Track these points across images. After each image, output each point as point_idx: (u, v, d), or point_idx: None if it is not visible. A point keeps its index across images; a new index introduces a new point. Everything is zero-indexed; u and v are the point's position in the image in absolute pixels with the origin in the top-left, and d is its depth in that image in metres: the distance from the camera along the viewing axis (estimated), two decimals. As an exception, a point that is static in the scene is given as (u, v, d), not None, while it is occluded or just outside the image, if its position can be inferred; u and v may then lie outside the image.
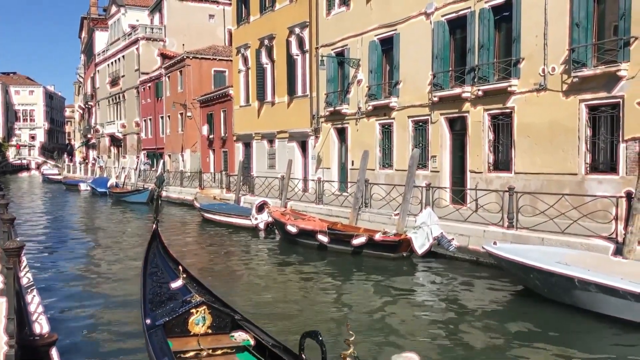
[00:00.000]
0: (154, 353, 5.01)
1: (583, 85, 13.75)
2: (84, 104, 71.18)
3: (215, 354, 5.32)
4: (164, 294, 6.11)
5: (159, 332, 5.36)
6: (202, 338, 5.50)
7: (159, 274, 6.47)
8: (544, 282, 9.11)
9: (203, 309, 5.66)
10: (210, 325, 5.67)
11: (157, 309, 5.85)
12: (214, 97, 35.20)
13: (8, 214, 8.67)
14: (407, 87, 19.33)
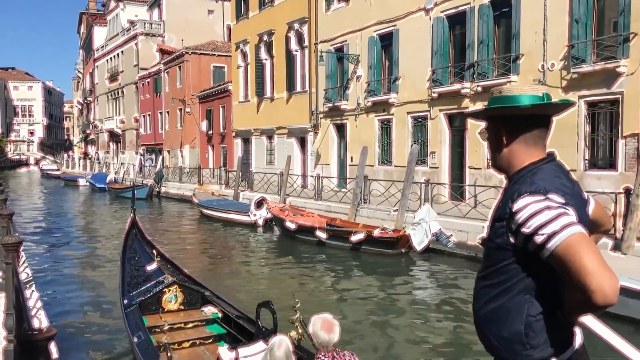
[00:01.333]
0: (130, 329, 5.53)
1: (582, 82, 13.75)
2: (83, 99, 71.07)
3: (187, 327, 5.84)
4: (140, 277, 6.58)
5: (135, 311, 5.84)
6: (175, 314, 6.02)
7: (137, 259, 6.90)
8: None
9: (175, 287, 6.19)
10: (182, 302, 6.20)
11: (134, 290, 6.30)
12: (213, 92, 35.16)
13: (7, 209, 8.67)
14: (407, 83, 19.31)
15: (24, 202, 30.03)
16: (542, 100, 1.97)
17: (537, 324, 1.89)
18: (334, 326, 3.87)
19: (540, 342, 1.89)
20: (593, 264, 1.70)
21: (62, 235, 18.36)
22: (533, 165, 1.99)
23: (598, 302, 1.69)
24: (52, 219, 23.06)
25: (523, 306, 1.90)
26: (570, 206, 1.84)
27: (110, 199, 31.81)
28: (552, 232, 1.75)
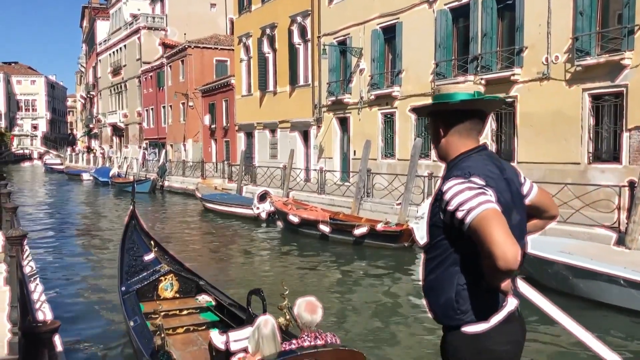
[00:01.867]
0: (127, 314, 5.86)
1: (586, 74, 13.68)
2: (86, 93, 71.10)
3: (181, 314, 6.13)
4: (138, 266, 6.87)
5: (132, 297, 6.14)
6: (171, 301, 6.30)
7: (135, 249, 7.19)
8: (546, 271, 9.11)
9: (171, 276, 6.48)
10: (177, 290, 6.49)
11: (132, 278, 6.59)
12: (216, 86, 35.13)
13: (11, 203, 8.70)
14: (410, 76, 19.25)
15: (28, 196, 30.12)
16: (472, 97, 2.26)
17: (464, 292, 2.17)
18: (317, 308, 4.11)
19: (469, 308, 2.18)
20: (499, 235, 1.95)
21: (65, 228, 18.42)
22: (465, 154, 2.28)
23: (501, 267, 1.95)
24: (56, 213, 23.13)
25: (453, 277, 2.19)
26: (490, 188, 2.12)
27: (114, 193, 31.87)
28: (470, 208, 2.04)
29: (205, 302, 6.37)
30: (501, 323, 2.21)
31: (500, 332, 2.21)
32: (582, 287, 8.57)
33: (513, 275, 2.17)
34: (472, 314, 2.19)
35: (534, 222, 2.54)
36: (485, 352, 2.20)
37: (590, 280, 8.39)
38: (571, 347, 6.85)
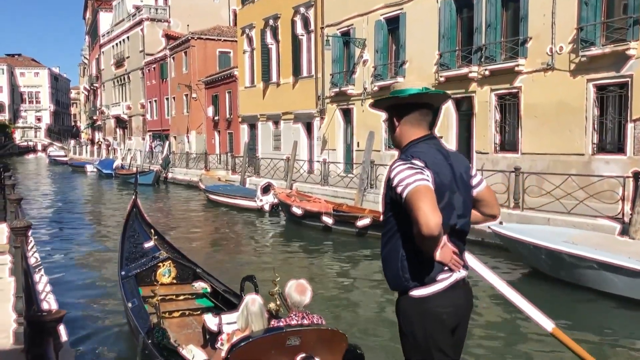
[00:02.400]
0: (125, 296, 6.21)
1: (591, 65, 13.61)
2: (89, 85, 71.13)
3: (178, 299, 6.41)
4: (138, 252, 7.16)
5: (131, 281, 6.47)
6: (168, 287, 6.56)
7: (136, 237, 7.47)
8: (551, 261, 9.11)
9: (169, 263, 6.77)
10: (175, 276, 6.76)
11: (131, 264, 6.90)
12: (219, 78, 35.08)
13: (15, 194, 8.73)
14: (414, 67, 19.18)
15: (33, 188, 30.21)
16: (420, 91, 2.67)
17: (407, 261, 2.57)
18: (306, 290, 4.37)
19: (412, 275, 2.57)
20: (425, 206, 2.34)
21: (69, 219, 18.49)
22: (414, 141, 2.68)
23: (424, 232, 2.32)
24: (61, 204, 23.21)
25: (399, 248, 2.59)
26: (428, 169, 2.51)
27: (118, 185, 31.95)
28: (407, 184, 2.43)
29: (201, 289, 6.64)
30: (445, 289, 2.58)
31: (443, 297, 2.58)
32: (586, 277, 8.57)
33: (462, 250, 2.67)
34: (416, 281, 2.58)
35: (474, 214, 2.85)
36: (428, 313, 2.57)
37: (594, 270, 8.38)
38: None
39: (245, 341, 4.13)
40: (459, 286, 2.64)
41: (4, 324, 4.94)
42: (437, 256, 2.51)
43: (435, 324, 2.59)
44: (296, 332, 4.10)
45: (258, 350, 4.09)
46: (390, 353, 6.41)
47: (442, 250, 2.52)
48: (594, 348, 6.66)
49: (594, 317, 7.82)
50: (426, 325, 2.59)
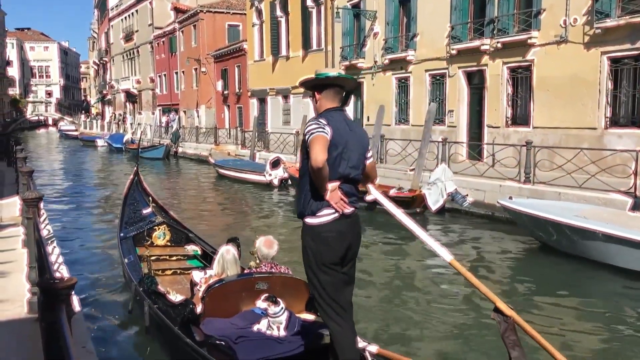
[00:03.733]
0: (123, 253, 6.91)
1: (606, 37, 13.37)
2: (99, 59, 70.97)
3: (171, 260, 7.00)
4: (136, 217, 7.86)
5: (128, 241, 7.18)
6: (163, 248, 7.21)
7: (135, 204, 8.17)
8: (561, 235, 9.08)
9: (164, 226, 7.43)
10: (169, 239, 7.40)
11: (130, 227, 7.61)
12: (228, 52, 34.86)
13: (27, 167, 8.79)
14: (425, 40, 18.95)
15: (44, 162, 30.42)
16: (334, 75, 3.67)
17: (308, 195, 3.52)
18: (273, 244, 5.16)
19: (308, 207, 3.52)
20: (316, 147, 3.34)
21: (80, 192, 18.68)
22: (327, 110, 3.65)
23: (312, 164, 3.33)
24: (71, 177, 23.38)
25: (306, 186, 3.52)
26: (329, 127, 3.47)
27: (128, 159, 32.08)
28: (310, 133, 3.42)
29: (192, 251, 7.20)
30: (330, 220, 3.50)
31: (328, 225, 3.50)
32: (598, 251, 8.54)
33: (353, 194, 3.63)
34: (310, 212, 3.52)
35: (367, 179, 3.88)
36: (316, 236, 3.52)
37: (603, 243, 8.35)
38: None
39: (219, 283, 4.89)
40: (343, 219, 3.54)
41: (18, 293, 5.03)
42: (326, 197, 3.47)
43: (321, 245, 3.51)
44: (264, 278, 4.88)
45: (230, 291, 4.84)
46: (389, 316, 6.47)
47: (331, 194, 3.48)
48: (604, 320, 6.68)
49: (603, 291, 7.82)
50: (315, 245, 3.53)
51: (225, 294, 4.82)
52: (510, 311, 3.41)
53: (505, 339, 3.39)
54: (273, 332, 4.54)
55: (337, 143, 3.48)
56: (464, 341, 5.98)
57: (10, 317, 4.52)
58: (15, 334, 4.19)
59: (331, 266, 3.53)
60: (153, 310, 5.24)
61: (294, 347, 4.40)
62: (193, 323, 4.73)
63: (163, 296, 5.31)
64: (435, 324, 6.46)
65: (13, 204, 9.80)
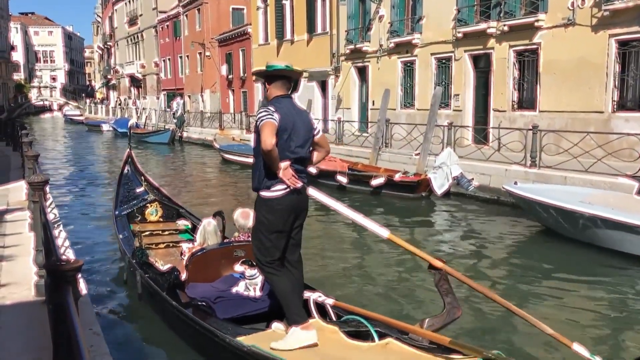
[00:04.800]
0: (118, 230, 7.41)
1: (614, 19, 13.22)
2: (103, 44, 70.79)
3: (163, 234, 7.40)
4: (130, 196, 8.30)
5: (123, 219, 7.68)
6: (155, 224, 7.65)
7: (129, 184, 8.61)
8: (565, 221, 9.06)
9: (156, 204, 7.88)
10: (161, 215, 7.84)
11: (124, 205, 8.08)
12: (233, 35, 34.68)
13: (32, 151, 8.82)
14: (431, 23, 18.78)
15: (50, 147, 30.49)
16: (282, 68, 4.17)
17: (262, 173, 4.06)
18: (249, 215, 5.57)
19: (263, 183, 4.07)
20: (265, 132, 3.86)
21: (85, 177, 18.76)
22: (276, 97, 4.17)
23: (263, 147, 3.86)
24: (77, 162, 23.46)
25: (259, 164, 4.08)
26: (278, 113, 3.98)
27: (133, 144, 32.06)
28: (261, 119, 3.95)
29: (183, 226, 7.63)
30: (282, 194, 4.04)
31: (280, 198, 4.05)
32: (602, 237, 8.52)
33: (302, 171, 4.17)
34: (264, 186, 4.07)
35: (318, 153, 4.41)
36: (269, 207, 4.08)
37: (610, 230, 8.33)
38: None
39: (202, 251, 5.50)
40: (293, 193, 4.07)
41: (25, 276, 5.06)
42: (279, 175, 3.98)
43: (273, 214, 4.08)
44: (241, 246, 5.48)
45: (211, 258, 5.46)
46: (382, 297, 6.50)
47: (283, 172, 3.97)
48: (607, 306, 6.68)
49: (608, 276, 7.81)
50: (268, 214, 4.10)
51: (207, 261, 5.42)
52: (442, 265, 4.04)
53: (439, 288, 4.05)
54: (250, 293, 5.11)
55: (286, 127, 4.01)
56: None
57: (18, 300, 4.55)
58: (23, 317, 4.22)
59: (277, 234, 4.13)
60: (144, 279, 5.72)
61: (267, 305, 4.93)
62: (179, 288, 5.22)
63: (152, 266, 5.79)
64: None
65: (19, 189, 9.85)
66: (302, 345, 4.00)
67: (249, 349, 4.02)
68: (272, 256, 4.15)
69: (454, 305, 4.01)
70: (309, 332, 4.06)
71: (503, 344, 5.25)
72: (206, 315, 4.74)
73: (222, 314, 4.75)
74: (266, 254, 4.15)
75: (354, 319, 4.47)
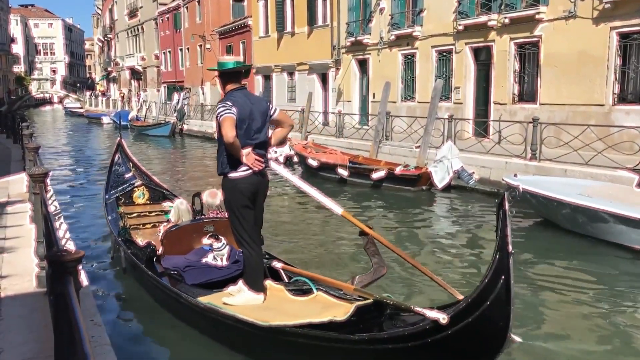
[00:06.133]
0: (107, 212, 8.13)
1: (615, 12, 13.18)
2: (103, 36, 70.61)
3: (150, 215, 7.92)
4: (119, 181, 8.90)
5: (112, 202, 8.33)
6: (143, 206, 8.24)
7: (119, 170, 9.20)
8: (564, 214, 9.07)
9: (142, 187, 8.45)
10: (148, 198, 8.41)
11: (114, 190, 8.71)
12: (233, 28, 34.57)
13: (33, 143, 8.82)
14: (432, 16, 18.74)
15: (51, 140, 30.48)
16: (232, 64, 4.80)
17: (226, 158, 4.62)
18: (216, 195, 6.38)
19: (227, 166, 4.64)
20: (226, 127, 4.40)
21: (86, 168, 18.81)
22: (230, 91, 4.72)
23: (225, 140, 4.42)
24: (77, 155, 23.48)
25: (223, 151, 4.63)
26: (235, 107, 4.52)
27: (133, 136, 32.09)
28: (220, 115, 4.48)
29: (168, 207, 7.90)
30: (245, 176, 4.63)
31: (243, 179, 4.63)
32: (601, 229, 8.54)
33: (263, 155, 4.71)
34: (229, 169, 4.64)
35: (281, 130, 5.01)
36: (234, 186, 4.66)
37: (609, 223, 8.34)
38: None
39: (175, 227, 6.27)
40: (254, 175, 4.65)
41: (26, 268, 5.09)
42: (242, 160, 4.56)
43: (238, 193, 4.66)
44: (210, 222, 6.17)
45: (183, 233, 6.17)
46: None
47: (247, 158, 4.56)
48: (605, 299, 6.71)
49: (606, 269, 7.83)
50: (234, 193, 4.68)
51: (179, 235, 6.12)
52: (369, 230, 4.78)
53: (367, 250, 4.77)
54: (217, 263, 5.76)
55: (244, 117, 4.57)
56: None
57: (20, 292, 4.58)
58: (24, 308, 4.25)
59: (245, 208, 4.71)
60: (127, 254, 6.37)
61: (231, 272, 5.61)
62: (154, 260, 5.91)
63: (134, 242, 6.50)
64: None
65: (20, 181, 9.87)
66: (249, 304, 4.70)
67: (205, 305, 4.78)
68: (247, 231, 4.74)
69: (380, 265, 4.70)
70: (258, 295, 4.80)
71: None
72: (177, 282, 5.47)
73: (191, 281, 5.45)
74: (241, 230, 4.74)
75: (300, 280, 5.20)
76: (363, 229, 4.76)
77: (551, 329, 5.78)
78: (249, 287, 4.80)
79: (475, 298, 3.34)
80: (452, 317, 3.44)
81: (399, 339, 3.65)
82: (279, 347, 4.36)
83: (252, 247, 4.79)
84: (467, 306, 3.38)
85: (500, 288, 3.21)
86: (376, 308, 4.31)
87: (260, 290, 4.83)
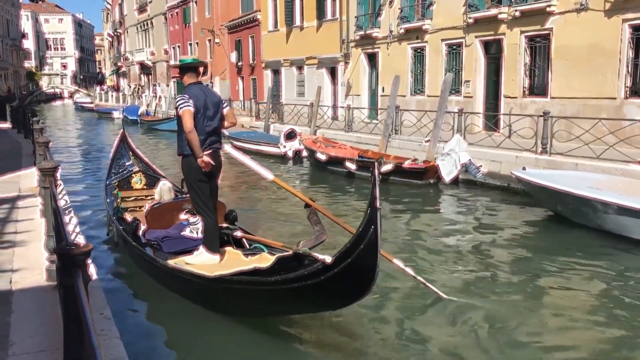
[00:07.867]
0: (106, 195, 8.86)
1: (627, 4, 13.04)
2: (113, 31, 70.85)
3: (147, 199, 8.41)
4: (120, 169, 9.68)
5: (111, 187, 8.98)
6: (140, 191, 8.93)
7: (122, 159, 9.93)
8: (573, 207, 9.01)
9: (140, 173, 9.15)
10: (145, 183, 9.05)
11: (114, 176, 9.45)
12: (242, 22, 34.55)
13: (43, 137, 8.86)
14: (441, 9, 18.62)
15: (61, 135, 30.65)
16: (190, 61, 5.81)
17: (185, 141, 5.48)
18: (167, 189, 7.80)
19: (187, 148, 5.54)
20: (186, 119, 5.40)
21: (96, 162, 18.85)
22: (189, 85, 5.65)
23: (185, 130, 5.42)
24: (88, 149, 23.60)
25: (183, 137, 5.49)
26: (191, 99, 5.45)
27: (143, 131, 32.22)
28: (180, 107, 5.45)
29: None
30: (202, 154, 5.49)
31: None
32: (611, 223, 8.47)
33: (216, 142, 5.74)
34: (188, 151, 5.51)
35: (226, 121, 5.87)
36: (190, 164, 5.56)
37: (619, 215, 8.27)
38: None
39: (157, 204, 7.23)
40: (210, 153, 5.60)
41: (36, 261, 5.13)
42: (199, 163, 5.49)
43: (194, 170, 5.57)
44: (188, 201, 6.51)
45: (165, 210, 7.05)
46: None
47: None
48: (615, 293, 6.66)
49: (616, 263, 7.77)
50: (191, 170, 5.59)
51: (161, 212, 7.03)
52: (312, 202, 5.72)
53: (310, 220, 5.61)
54: (193, 235, 6.57)
55: (199, 108, 5.45)
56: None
57: (30, 285, 4.62)
58: (35, 301, 4.28)
59: (202, 182, 5.63)
60: (118, 230, 7.19)
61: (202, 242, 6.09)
62: (137, 233, 6.75)
63: (124, 219, 7.48)
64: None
65: (31, 175, 9.93)
66: (206, 264, 5.61)
67: (172, 266, 5.69)
68: (204, 202, 5.68)
69: (321, 232, 5.49)
70: (214, 256, 5.74)
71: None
72: (155, 250, 6.34)
73: (167, 249, 6.31)
74: (199, 201, 5.69)
75: (256, 246, 6.25)
76: (306, 201, 5.72)
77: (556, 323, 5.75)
78: (206, 248, 5.75)
79: (352, 243, 4.05)
80: (336, 259, 4.17)
81: (301, 278, 4.43)
82: (226, 294, 5.21)
83: (209, 214, 5.73)
84: (346, 250, 4.10)
85: (370, 235, 3.92)
86: (296, 259, 5.15)
87: (217, 251, 5.76)
